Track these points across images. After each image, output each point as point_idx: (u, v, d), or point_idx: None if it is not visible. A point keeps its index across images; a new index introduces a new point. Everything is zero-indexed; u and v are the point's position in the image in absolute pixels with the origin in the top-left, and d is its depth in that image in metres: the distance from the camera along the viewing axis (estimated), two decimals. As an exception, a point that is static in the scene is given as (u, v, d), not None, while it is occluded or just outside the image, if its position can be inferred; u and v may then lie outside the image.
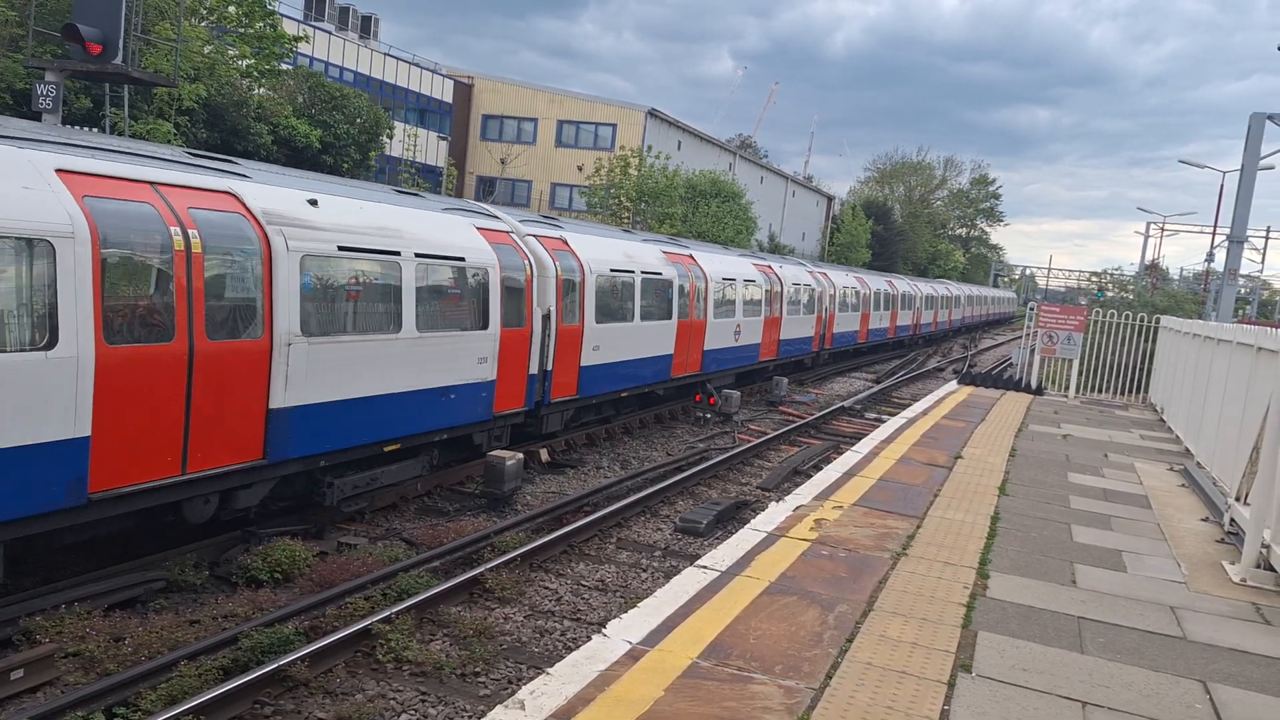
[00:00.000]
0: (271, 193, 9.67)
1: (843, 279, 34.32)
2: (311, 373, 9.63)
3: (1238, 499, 9.69)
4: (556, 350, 14.70)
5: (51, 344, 7.16)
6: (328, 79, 37.27)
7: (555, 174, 56.94)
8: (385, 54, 52.94)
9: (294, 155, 30.49)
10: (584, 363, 15.60)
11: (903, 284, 46.04)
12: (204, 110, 26.94)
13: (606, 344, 16.24)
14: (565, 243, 15.57)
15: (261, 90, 30.67)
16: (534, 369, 14.10)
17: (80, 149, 8.06)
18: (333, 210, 10.31)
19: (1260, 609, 7.72)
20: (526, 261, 13.97)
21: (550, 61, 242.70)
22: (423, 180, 46.04)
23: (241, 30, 28.33)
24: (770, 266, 26.62)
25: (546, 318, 14.37)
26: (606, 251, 16.89)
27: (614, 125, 55.89)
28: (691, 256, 21.02)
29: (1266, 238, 61.20)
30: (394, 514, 11.70)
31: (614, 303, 16.78)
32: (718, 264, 22.49)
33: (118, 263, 7.89)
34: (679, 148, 57.34)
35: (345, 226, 10.34)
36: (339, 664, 7.34)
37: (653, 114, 55.96)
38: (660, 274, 18.60)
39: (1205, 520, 10.73)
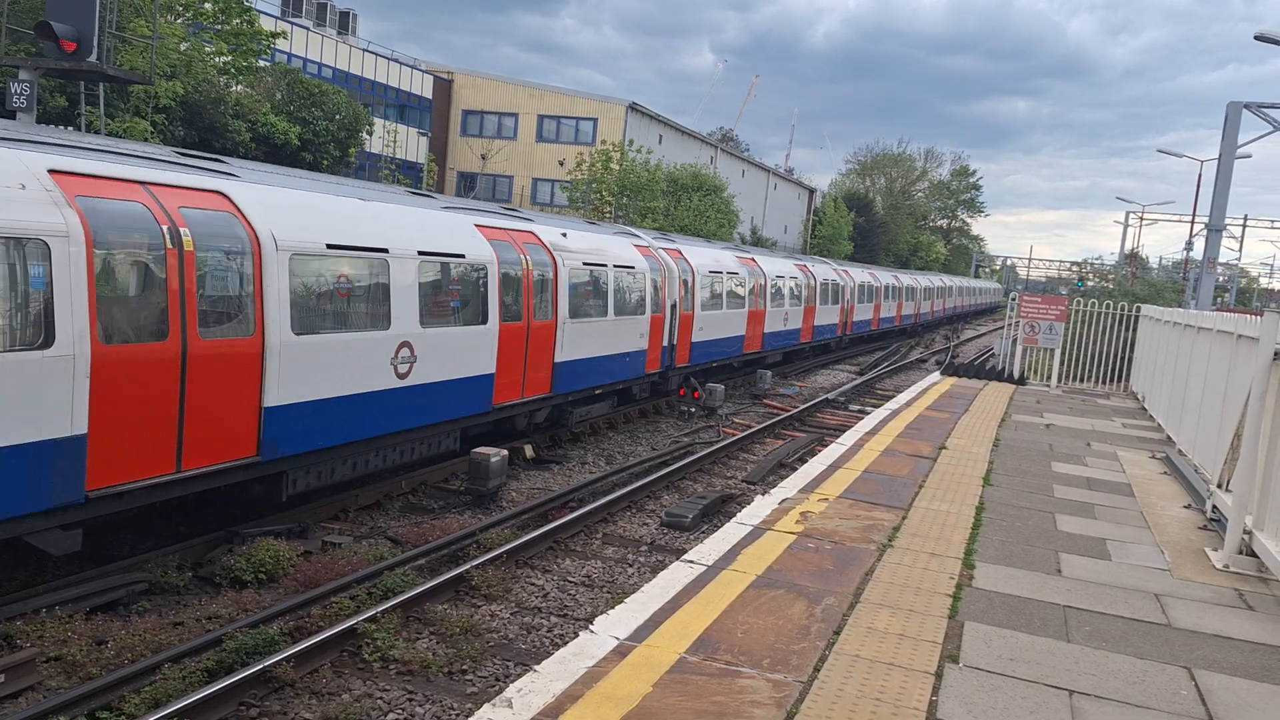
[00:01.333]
0: (549, 229, 15.40)
1: (860, 275, 39.12)
2: (571, 340, 15.15)
3: (1219, 486, 9.75)
4: (678, 330, 19.84)
5: (484, 320, 12.90)
6: (306, 75, 37.01)
7: (536, 169, 56.68)
8: (364, 50, 52.54)
9: (273, 153, 30.27)
10: (693, 340, 20.94)
11: (906, 278, 51.08)
12: (181, 108, 26.71)
13: (707, 326, 21.65)
14: (680, 252, 20.95)
15: (239, 87, 30.39)
16: (665, 343, 19.30)
17: (477, 211, 14.21)
18: (574, 239, 16.00)
19: (1243, 595, 7.78)
20: (662, 267, 19.33)
21: (530, 56, 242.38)
22: (403, 177, 45.76)
23: (218, 27, 28.03)
24: (806, 265, 31.83)
25: (673, 307, 19.55)
26: (705, 257, 22.33)
27: (595, 120, 55.62)
28: (754, 259, 26.32)
29: (1244, 226, 61.75)
30: (378, 512, 11.62)
31: (712, 295, 22.06)
32: (771, 265, 27.80)
33: (502, 276, 13.35)
34: (660, 142, 57.20)
35: (582, 250, 15.99)
36: (325, 664, 7.29)
37: (634, 108, 55.75)
38: (737, 273, 24.13)
39: (1187, 507, 10.80)
